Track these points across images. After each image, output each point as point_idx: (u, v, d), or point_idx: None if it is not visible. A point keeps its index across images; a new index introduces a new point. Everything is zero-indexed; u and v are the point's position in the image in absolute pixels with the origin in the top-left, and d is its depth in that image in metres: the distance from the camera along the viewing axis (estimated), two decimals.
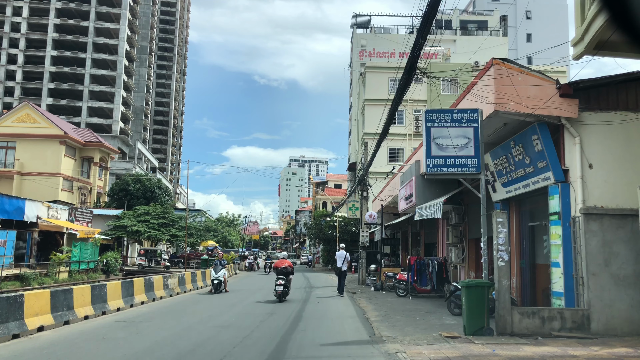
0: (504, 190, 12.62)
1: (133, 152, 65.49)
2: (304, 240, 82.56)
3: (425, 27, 10.16)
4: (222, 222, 76.20)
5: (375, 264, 24.52)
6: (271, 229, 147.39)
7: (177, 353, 8.02)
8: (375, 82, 40.28)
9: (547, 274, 10.87)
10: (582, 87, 10.05)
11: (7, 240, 23.95)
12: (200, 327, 10.73)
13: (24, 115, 44.64)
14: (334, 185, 76.54)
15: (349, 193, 36.83)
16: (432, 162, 11.09)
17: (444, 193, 15.88)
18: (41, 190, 39.89)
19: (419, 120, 35.51)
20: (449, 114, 11.13)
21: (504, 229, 9.72)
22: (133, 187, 44.28)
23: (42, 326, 10.04)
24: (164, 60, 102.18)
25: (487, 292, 9.62)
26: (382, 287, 20.55)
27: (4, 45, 68.00)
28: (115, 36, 70.96)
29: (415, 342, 8.91)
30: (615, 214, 9.66)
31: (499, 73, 10.19)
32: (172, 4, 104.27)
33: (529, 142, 10.74)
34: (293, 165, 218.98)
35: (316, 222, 48.63)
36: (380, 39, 46.92)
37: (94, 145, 48.22)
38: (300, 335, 9.78)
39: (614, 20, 1.58)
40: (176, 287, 19.10)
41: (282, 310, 13.72)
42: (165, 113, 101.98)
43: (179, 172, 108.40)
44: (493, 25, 52.29)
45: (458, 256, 16.95)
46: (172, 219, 39.16)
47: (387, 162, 35.59)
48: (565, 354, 7.81)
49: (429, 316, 12.55)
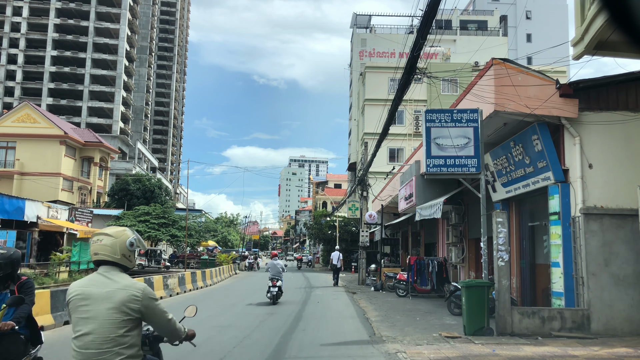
0: (504, 190, 12.61)
1: (133, 152, 65.49)
2: (304, 240, 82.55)
3: (425, 27, 10.16)
4: (222, 222, 76.21)
5: (375, 264, 24.50)
6: (271, 229, 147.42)
7: (177, 353, 8.00)
8: (375, 82, 40.27)
9: (547, 274, 10.87)
10: (582, 87, 10.04)
11: (7, 240, 23.96)
12: (200, 327, 10.72)
13: (24, 115, 44.64)
14: (334, 185, 76.53)
15: (349, 193, 36.83)
16: (432, 162, 11.08)
17: (444, 193, 15.88)
18: (41, 190, 39.90)
19: (419, 120, 35.51)
20: (449, 114, 11.12)
21: (504, 229, 9.72)
22: (133, 187, 44.29)
23: (42, 326, 9.97)
24: (164, 60, 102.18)
25: (487, 292, 9.62)
26: (382, 287, 20.54)
27: (4, 45, 67.99)
28: (115, 36, 70.96)
29: (415, 342, 8.91)
30: (615, 214, 9.66)
31: (499, 73, 10.19)
32: (172, 4, 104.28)
33: (529, 142, 10.74)
34: (293, 165, 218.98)
35: (316, 222, 48.63)
36: (380, 39, 46.92)
37: (94, 145, 48.22)
38: (300, 335, 9.78)
39: (613, 20, 1.58)
40: (176, 287, 19.10)
41: (282, 310, 13.71)
42: (165, 113, 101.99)
43: (179, 172, 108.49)
44: (493, 25, 52.30)
45: (458, 256, 16.94)
46: (172, 219, 39.15)
47: (387, 162, 35.57)
48: (565, 354, 7.80)
49: (429, 316, 12.55)
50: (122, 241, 2.98)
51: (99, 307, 2.81)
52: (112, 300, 2.82)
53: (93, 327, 2.78)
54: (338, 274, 25.18)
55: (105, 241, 2.95)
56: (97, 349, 2.76)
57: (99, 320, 2.79)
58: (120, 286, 2.86)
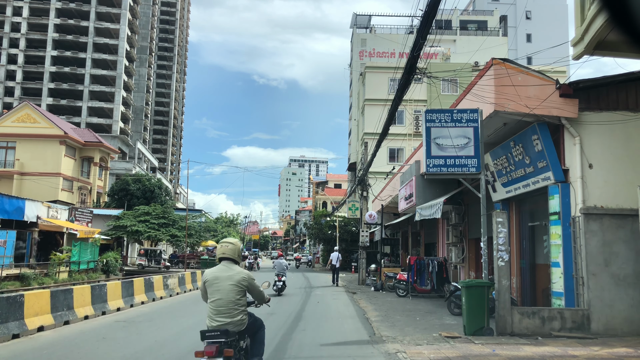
0: (504, 190, 12.61)
1: (133, 152, 65.48)
2: (304, 240, 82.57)
3: (425, 27, 10.15)
4: (221, 222, 76.24)
5: (375, 264, 24.49)
6: (271, 229, 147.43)
7: (177, 353, 8.02)
8: (375, 82, 40.27)
9: (547, 274, 10.87)
10: (582, 87, 10.04)
11: (7, 240, 23.95)
12: (200, 327, 10.73)
13: (24, 115, 44.63)
14: (334, 185, 76.52)
15: (349, 193, 36.83)
16: (432, 162, 11.08)
17: (444, 193, 15.88)
18: (41, 190, 39.90)
19: (419, 120, 35.50)
20: (449, 114, 11.12)
21: (504, 229, 9.72)
22: (133, 187, 44.27)
23: (42, 326, 10.04)
24: (164, 60, 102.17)
25: (487, 292, 9.62)
26: (382, 287, 20.54)
27: (4, 45, 67.99)
28: (115, 36, 70.96)
29: (415, 342, 8.91)
30: (615, 214, 9.65)
31: (498, 73, 10.18)
32: (172, 4, 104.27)
33: (529, 142, 10.74)
34: (293, 165, 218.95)
35: (316, 222, 48.62)
36: (380, 39, 46.91)
37: (94, 145, 48.21)
38: (300, 335, 9.78)
39: (613, 20, 1.58)
40: (176, 287, 19.10)
41: (282, 310, 13.71)
42: (165, 113, 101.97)
43: (179, 172, 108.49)
44: (493, 25, 52.29)
45: (458, 256, 16.94)
46: (172, 219, 39.14)
47: (387, 162, 35.57)
48: (565, 354, 7.80)
49: (429, 316, 12.55)
50: (239, 248, 5.17)
51: (224, 283, 4.90)
52: (232, 279, 4.91)
53: (221, 295, 4.87)
54: (337, 273, 25.81)
55: (230, 247, 5.09)
56: (225, 306, 4.86)
57: (225, 291, 4.88)
58: (236, 272, 4.98)
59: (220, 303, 4.87)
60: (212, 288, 4.94)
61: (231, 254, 5.06)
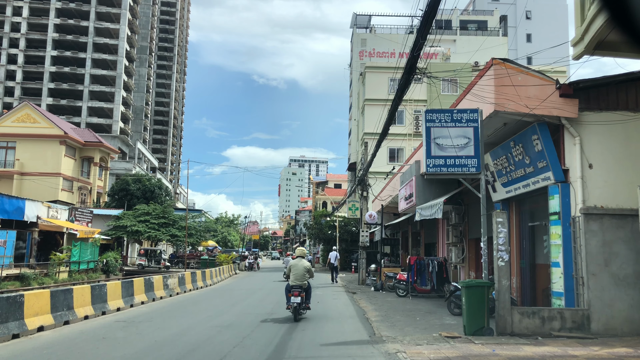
0: (504, 190, 12.61)
1: (133, 152, 65.49)
2: (304, 240, 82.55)
3: (425, 27, 10.15)
4: (221, 222, 76.27)
5: (375, 264, 24.48)
6: (271, 229, 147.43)
7: (177, 353, 8.02)
8: (375, 82, 40.26)
9: (547, 274, 10.87)
10: (582, 87, 10.04)
11: (7, 240, 23.95)
12: (200, 327, 10.74)
13: (24, 115, 44.65)
14: (334, 185, 76.50)
15: (349, 193, 36.83)
16: (432, 162, 11.08)
17: (444, 193, 15.88)
18: (41, 190, 39.91)
19: (419, 120, 35.51)
20: (449, 114, 11.12)
21: (504, 229, 9.72)
22: (133, 187, 44.27)
23: (42, 326, 10.03)
24: (164, 60, 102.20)
25: (487, 292, 9.62)
26: (382, 287, 20.54)
27: (4, 45, 68.01)
28: (115, 36, 70.98)
29: (415, 342, 8.91)
30: (615, 214, 9.65)
31: (498, 73, 10.18)
32: (172, 4, 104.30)
33: (529, 142, 10.74)
34: (293, 165, 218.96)
35: (316, 222, 48.58)
36: (380, 39, 46.91)
37: (94, 145, 48.22)
38: (300, 335, 9.78)
39: (613, 20, 1.58)
40: (176, 287, 19.09)
41: (282, 310, 13.69)
42: (165, 113, 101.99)
43: (179, 172, 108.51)
44: (493, 25, 52.27)
45: (458, 256, 16.94)
46: (172, 219, 39.13)
47: (387, 162, 35.56)
48: (565, 354, 7.80)
49: (429, 316, 12.55)
50: (305, 252, 12.93)
51: (299, 267, 12.05)
52: (304, 266, 12.09)
53: (297, 272, 11.99)
54: (336, 272, 27.52)
55: (301, 250, 12.67)
56: (300, 276, 11.96)
57: (300, 270, 12.02)
58: (305, 262, 12.20)
59: (297, 275, 11.83)
60: (294, 269, 11.94)
61: (301, 254, 12.38)
